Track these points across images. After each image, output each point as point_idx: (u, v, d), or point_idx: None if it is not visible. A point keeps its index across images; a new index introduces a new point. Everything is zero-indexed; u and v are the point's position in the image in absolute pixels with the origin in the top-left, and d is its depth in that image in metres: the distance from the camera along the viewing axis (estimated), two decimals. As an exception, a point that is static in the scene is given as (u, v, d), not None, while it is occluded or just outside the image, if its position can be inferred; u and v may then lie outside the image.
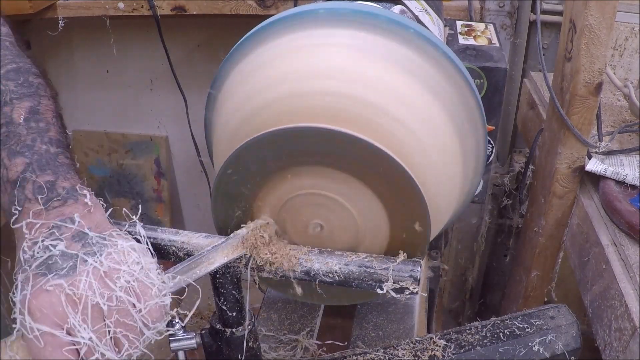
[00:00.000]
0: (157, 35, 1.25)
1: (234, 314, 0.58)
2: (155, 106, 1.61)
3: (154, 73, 1.56)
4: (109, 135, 1.67)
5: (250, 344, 0.60)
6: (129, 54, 1.52)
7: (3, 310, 0.71)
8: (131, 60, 1.54)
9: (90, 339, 0.45)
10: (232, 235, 0.57)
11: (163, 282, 0.51)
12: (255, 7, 1.19)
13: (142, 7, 1.22)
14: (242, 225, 0.58)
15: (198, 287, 0.55)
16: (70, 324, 0.45)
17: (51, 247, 0.47)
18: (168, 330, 0.52)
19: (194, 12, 1.21)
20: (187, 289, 0.53)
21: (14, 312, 0.46)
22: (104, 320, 0.46)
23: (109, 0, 1.22)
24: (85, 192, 0.52)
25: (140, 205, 0.59)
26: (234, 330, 0.59)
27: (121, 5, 1.22)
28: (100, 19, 1.26)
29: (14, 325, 0.46)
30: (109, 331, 0.46)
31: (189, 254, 0.57)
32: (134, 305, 0.47)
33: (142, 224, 0.55)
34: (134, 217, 0.54)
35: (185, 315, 0.54)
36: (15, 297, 0.46)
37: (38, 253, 0.47)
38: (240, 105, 0.61)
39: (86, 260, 0.47)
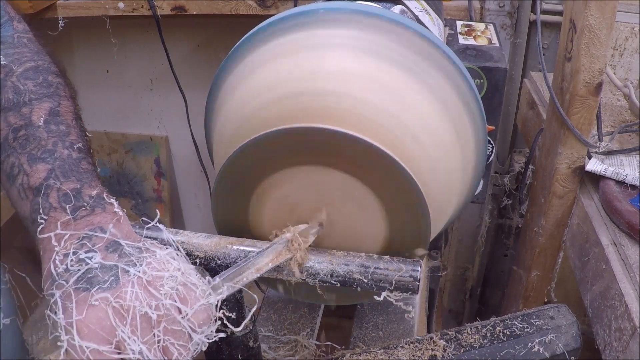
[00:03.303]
0: (157, 35, 1.25)
1: (234, 314, 0.58)
2: (155, 106, 1.61)
3: (154, 73, 1.56)
4: (109, 135, 1.67)
5: (250, 344, 0.60)
6: (129, 54, 1.52)
7: (3, 307, 0.70)
8: (131, 60, 1.54)
9: (140, 351, 0.44)
10: (277, 240, 0.57)
11: (212, 285, 0.49)
12: (255, 7, 1.19)
13: (142, 7, 1.22)
14: (285, 230, 0.58)
15: (254, 296, 0.54)
16: (119, 337, 0.43)
17: (87, 260, 0.45)
18: (217, 335, 0.49)
19: (194, 12, 1.21)
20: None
21: (54, 331, 0.44)
22: (152, 330, 0.45)
23: (109, 0, 1.22)
24: (112, 200, 0.50)
25: (157, 212, 0.58)
26: (234, 330, 0.59)
27: (121, 5, 1.22)
28: (100, 19, 1.26)
29: (58, 344, 0.44)
30: (158, 341, 0.45)
31: (189, 254, 0.57)
32: (180, 312, 0.46)
33: (167, 228, 0.55)
34: (157, 223, 0.54)
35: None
36: (57, 315, 0.44)
37: (72, 266, 0.45)
38: (240, 106, 0.61)
39: (128, 271, 0.45)
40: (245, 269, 0.53)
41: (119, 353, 0.44)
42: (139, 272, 0.46)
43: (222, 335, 0.50)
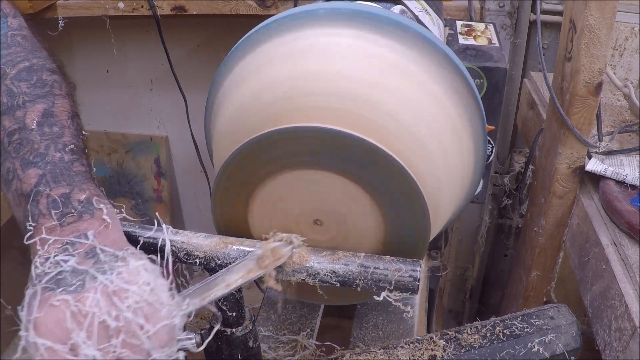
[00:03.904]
0: (157, 35, 1.25)
1: (234, 314, 0.58)
2: (155, 106, 1.62)
3: (154, 73, 1.56)
4: (109, 135, 1.67)
5: (250, 343, 0.60)
6: (129, 54, 1.52)
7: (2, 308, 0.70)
8: (131, 60, 1.54)
9: (94, 357, 0.44)
10: (248, 255, 0.56)
11: (177, 303, 0.49)
12: (255, 7, 1.19)
13: (142, 7, 1.22)
14: (258, 245, 0.57)
15: (216, 311, 0.54)
16: (74, 340, 0.44)
17: (62, 263, 0.46)
18: (177, 355, 0.49)
19: (194, 12, 1.22)
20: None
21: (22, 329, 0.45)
22: (110, 340, 0.45)
23: (109, 0, 1.22)
24: (101, 206, 0.50)
25: (157, 214, 0.58)
26: (234, 330, 0.59)
27: (121, 5, 1.22)
28: (100, 19, 1.26)
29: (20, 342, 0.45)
30: (114, 351, 0.45)
31: (188, 254, 0.57)
32: (141, 327, 0.46)
33: (170, 227, 0.55)
34: (162, 224, 0.54)
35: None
36: (22, 312, 0.45)
37: (49, 268, 0.46)
38: (240, 106, 0.61)
39: (96, 278, 0.46)
40: (214, 285, 0.53)
41: (75, 356, 0.44)
42: (106, 280, 0.46)
43: (182, 354, 0.50)
